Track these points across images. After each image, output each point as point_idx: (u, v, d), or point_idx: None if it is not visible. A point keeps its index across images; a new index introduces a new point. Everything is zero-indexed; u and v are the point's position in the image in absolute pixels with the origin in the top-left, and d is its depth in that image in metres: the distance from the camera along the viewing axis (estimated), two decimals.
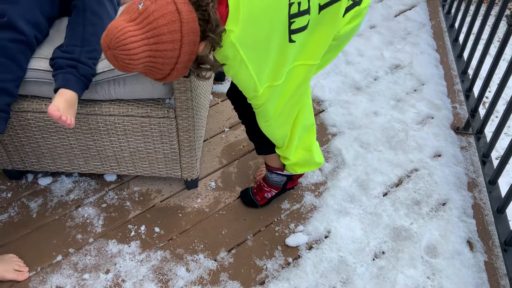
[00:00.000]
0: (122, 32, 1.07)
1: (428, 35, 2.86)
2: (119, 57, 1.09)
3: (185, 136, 1.76)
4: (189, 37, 1.12)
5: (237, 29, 1.20)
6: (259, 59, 1.30)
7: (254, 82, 1.32)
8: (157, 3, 1.08)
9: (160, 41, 1.09)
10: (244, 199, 1.96)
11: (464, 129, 2.28)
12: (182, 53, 1.13)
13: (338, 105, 2.39)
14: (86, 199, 1.95)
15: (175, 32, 1.09)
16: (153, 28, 1.08)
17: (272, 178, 1.87)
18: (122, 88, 1.65)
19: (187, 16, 1.10)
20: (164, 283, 1.71)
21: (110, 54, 1.10)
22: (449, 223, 1.91)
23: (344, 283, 1.72)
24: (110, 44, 1.09)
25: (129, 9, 1.10)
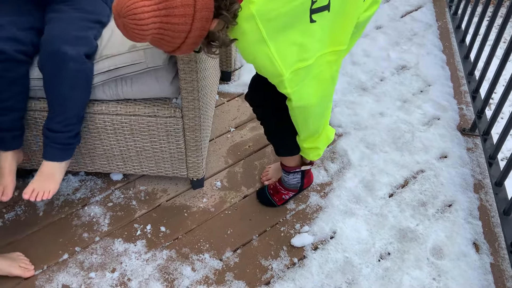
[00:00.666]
0: (134, 0, 1.05)
1: (435, 36, 2.85)
2: (128, 26, 1.07)
3: (191, 135, 1.77)
4: (202, 13, 1.10)
5: (259, 0, 1.15)
6: (281, 37, 1.22)
7: (277, 64, 1.25)
8: None
9: (172, 14, 1.07)
10: (261, 199, 1.96)
11: (471, 130, 2.27)
12: (193, 28, 1.11)
13: (344, 106, 2.39)
14: (92, 198, 1.96)
15: (188, 6, 1.07)
16: (166, 0, 1.05)
17: (289, 182, 1.86)
18: (130, 88, 1.66)
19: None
20: (169, 282, 1.71)
21: (120, 22, 1.08)
22: (455, 224, 1.90)
23: (350, 284, 1.72)
24: (120, 12, 1.06)
25: None
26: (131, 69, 1.61)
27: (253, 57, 1.27)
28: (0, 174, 1.66)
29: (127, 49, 1.59)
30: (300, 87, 1.35)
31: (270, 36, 1.21)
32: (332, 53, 1.37)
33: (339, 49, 1.38)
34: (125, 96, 1.68)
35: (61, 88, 1.55)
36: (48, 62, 1.53)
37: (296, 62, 1.29)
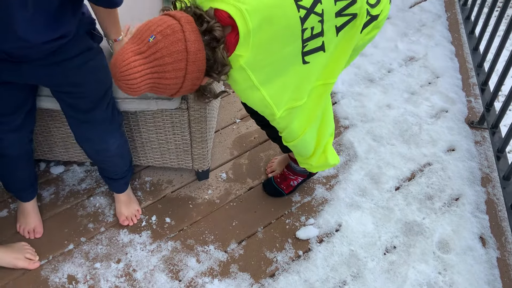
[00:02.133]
0: (128, 67, 1.11)
1: (444, 27, 2.81)
2: (123, 87, 1.15)
3: (196, 127, 1.75)
4: (193, 75, 1.16)
5: (247, 54, 1.18)
6: (272, 82, 1.26)
7: (270, 105, 1.29)
8: (167, 39, 1.11)
9: (164, 77, 1.14)
10: (268, 189, 1.95)
11: (479, 123, 2.25)
12: (183, 86, 1.18)
13: (351, 97, 2.37)
14: (97, 188, 1.96)
15: (180, 70, 1.14)
16: (159, 65, 1.12)
17: (299, 168, 1.85)
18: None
19: (195, 56, 1.13)
20: (174, 274, 1.71)
21: (116, 81, 1.16)
22: (461, 218, 1.89)
23: (355, 277, 1.71)
24: (115, 75, 1.14)
25: (140, 38, 1.12)
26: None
27: (246, 99, 1.32)
28: (27, 215, 1.79)
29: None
30: (292, 123, 1.39)
31: (262, 82, 1.25)
32: (323, 86, 1.39)
33: (330, 82, 1.40)
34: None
35: (112, 165, 1.72)
36: (97, 157, 1.69)
37: (289, 102, 1.33)
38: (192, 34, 1.13)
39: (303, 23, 1.22)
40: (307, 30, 1.24)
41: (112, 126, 1.60)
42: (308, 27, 1.24)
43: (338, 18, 1.30)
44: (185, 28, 1.12)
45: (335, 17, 1.29)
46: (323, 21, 1.26)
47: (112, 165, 1.72)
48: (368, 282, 1.69)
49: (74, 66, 1.42)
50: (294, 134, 1.43)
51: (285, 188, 1.92)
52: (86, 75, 1.46)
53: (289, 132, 1.42)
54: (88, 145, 1.63)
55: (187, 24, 1.13)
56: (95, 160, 1.72)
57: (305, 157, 1.58)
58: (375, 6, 1.39)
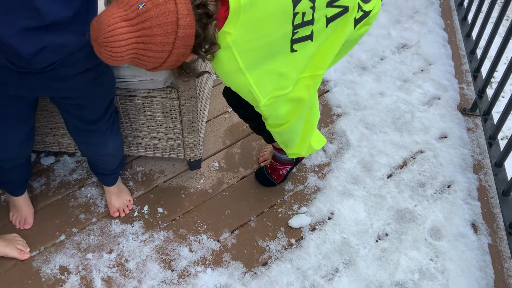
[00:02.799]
0: (113, 33, 1.03)
1: (436, 14, 2.80)
2: (103, 53, 1.07)
3: (188, 116, 1.74)
4: (180, 50, 1.10)
5: (235, 32, 1.14)
6: (258, 68, 1.22)
7: (254, 92, 1.24)
8: (158, 9, 1.03)
9: (149, 49, 1.07)
10: (260, 180, 1.95)
11: (471, 110, 2.25)
12: (167, 60, 1.11)
13: (343, 85, 2.36)
14: (89, 179, 1.95)
15: (167, 43, 1.07)
16: (146, 35, 1.04)
17: (284, 157, 1.84)
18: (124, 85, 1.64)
19: (185, 30, 1.07)
20: (167, 263, 1.71)
21: (95, 45, 1.07)
22: (453, 205, 1.89)
23: (347, 264, 1.71)
24: (97, 39, 1.05)
25: (128, 3, 1.04)
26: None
27: (230, 83, 1.27)
28: (19, 208, 1.77)
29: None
30: (277, 111, 1.35)
31: (248, 66, 1.20)
32: (311, 77, 1.36)
33: (318, 73, 1.37)
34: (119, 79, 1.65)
35: (104, 163, 1.72)
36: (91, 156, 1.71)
37: (274, 90, 1.29)
38: (184, 6, 1.05)
39: (295, 6, 1.19)
40: (298, 15, 1.21)
41: (112, 131, 1.61)
42: (299, 11, 1.21)
43: (329, 8, 1.28)
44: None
45: (326, 7, 1.27)
46: (315, 8, 1.24)
47: (104, 163, 1.72)
48: (360, 269, 1.70)
49: (86, 80, 1.39)
50: (279, 121, 1.41)
51: (276, 178, 1.92)
52: (97, 90, 1.45)
53: (275, 118, 1.39)
54: (88, 148, 1.64)
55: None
56: (89, 157, 1.73)
57: (290, 147, 1.56)
58: (368, 2, 1.38)
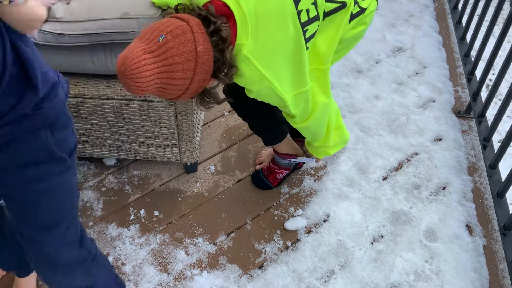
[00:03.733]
0: (138, 65, 1.09)
1: (431, 17, 2.82)
2: (131, 86, 1.12)
3: (183, 120, 1.75)
4: (201, 75, 1.16)
5: (248, 41, 1.19)
6: (277, 68, 1.27)
7: (280, 93, 1.29)
8: (177, 40, 1.10)
9: (172, 77, 1.13)
10: (256, 182, 1.96)
11: (466, 112, 2.26)
12: (190, 87, 1.17)
13: (339, 89, 2.37)
14: (85, 183, 1.96)
15: (189, 70, 1.14)
16: (169, 64, 1.11)
17: (283, 161, 1.87)
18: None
19: (203, 56, 1.14)
20: (163, 266, 1.72)
21: (123, 79, 1.13)
22: (448, 207, 1.90)
23: (343, 266, 1.72)
24: (124, 73, 1.11)
25: (149, 38, 1.11)
26: (120, 37, 1.55)
27: (256, 93, 1.31)
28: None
29: (119, 15, 1.53)
30: (300, 106, 1.41)
31: (268, 70, 1.25)
32: (317, 70, 1.40)
33: (324, 67, 1.41)
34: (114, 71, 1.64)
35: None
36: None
37: (296, 88, 1.34)
38: (201, 35, 1.14)
39: (297, 4, 1.23)
40: (303, 13, 1.25)
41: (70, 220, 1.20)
42: (303, 8, 1.25)
43: (328, 3, 1.34)
44: (194, 29, 1.13)
45: (325, 2, 1.33)
46: (317, 4, 1.29)
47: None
48: (355, 271, 1.70)
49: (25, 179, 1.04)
50: (305, 114, 1.44)
51: (272, 181, 1.93)
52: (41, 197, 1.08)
53: (301, 113, 1.43)
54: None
55: (195, 25, 1.14)
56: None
57: (320, 138, 1.59)
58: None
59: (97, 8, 1.56)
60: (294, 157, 1.83)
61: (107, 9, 1.56)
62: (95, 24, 1.53)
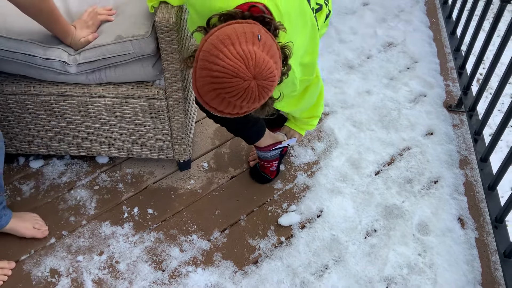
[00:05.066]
0: (269, 65, 1.05)
1: (422, 12, 2.83)
2: (265, 87, 1.07)
3: (176, 117, 1.75)
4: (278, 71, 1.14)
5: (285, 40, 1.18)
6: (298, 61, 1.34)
7: (297, 83, 1.36)
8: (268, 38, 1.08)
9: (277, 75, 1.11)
10: (256, 178, 1.97)
11: (457, 106, 2.28)
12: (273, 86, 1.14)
13: (331, 84, 2.38)
14: (78, 181, 1.95)
15: (279, 68, 1.12)
16: (276, 62, 1.09)
17: (269, 154, 1.88)
18: (113, 72, 1.63)
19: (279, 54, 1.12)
20: (157, 264, 1.72)
21: (253, 84, 1.05)
22: (440, 200, 1.92)
23: (336, 261, 1.73)
24: (259, 75, 1.04)
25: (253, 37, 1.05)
26: (120, 59, 1.59)
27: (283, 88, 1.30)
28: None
29: (113, 40, 1.55)
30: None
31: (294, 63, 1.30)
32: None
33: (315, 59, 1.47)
34: (108, 80, 1.66)
35: None
36: None
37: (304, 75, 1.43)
38: (269, 35, 1.11)
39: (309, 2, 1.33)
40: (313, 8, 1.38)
41: None
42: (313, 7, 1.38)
43: (315, 5, 1.44)
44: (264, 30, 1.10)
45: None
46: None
47: None
48: (349, 265, 1.71)
49: None
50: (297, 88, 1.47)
51: (269, 174, 1.95)
52: None
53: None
54: None
55: (261, 28, 1.10)
56: None
57: (310, 106, 1.68)
58: (328, 3, 1.55)
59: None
60: (277, 145, 1.84)
61: (100, 34, 1.59)
62: (94, 52, 1.58)
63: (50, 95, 1.69)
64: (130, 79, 1.66)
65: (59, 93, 1.68)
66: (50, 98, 1.69)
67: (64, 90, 1.67)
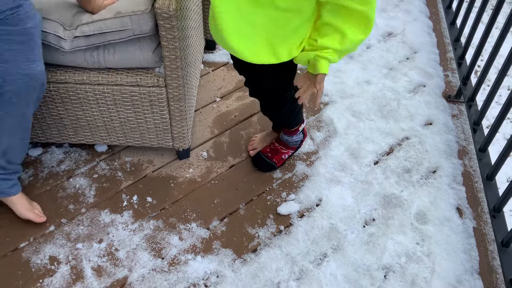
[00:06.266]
0: None
1: (421, 2, 2.82)
2: None
3: (175, 105, 1.75)
4: None
5: None
6: None
7: None
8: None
9: None
10: (259, 164, 1.96)
11: (456, 97, 2.28)
12: None
13: (330, 74, 2.37)
14: (77, 169, 1.95)
15: None
16: None
17: (293, 139, 1.91)
18: (112, 56, 1.62)
19: None
20: (157, 252, 1.72)
21: None
22: (439, 190, 1.92)
23: (335, 249, 1.74)
24: None
25: None
26: (117, 36, 1.56)
27: None
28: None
29: (112, 15, 1.54)
30: None
31: None
32: None
33: None
34: (107, 65, 1.65)
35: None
36: None
37: None
38: None
39: None
40: None
41: None
42: None
43: None
44: None
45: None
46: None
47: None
48: (348, 254, 1.72)
49: None
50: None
51: (277, 162, 1.95)
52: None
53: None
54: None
55: None
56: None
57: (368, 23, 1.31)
58: None
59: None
60: (301, 125, 1.88)
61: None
62: (91, 26, 1.55)
63: (49, 82, 1.68)
64: (130, 64, 1.65)
65: (58, 80, 1.67)
66: (49, 85, 1.68)
67: (63, 77, 1.66)
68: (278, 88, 1.61)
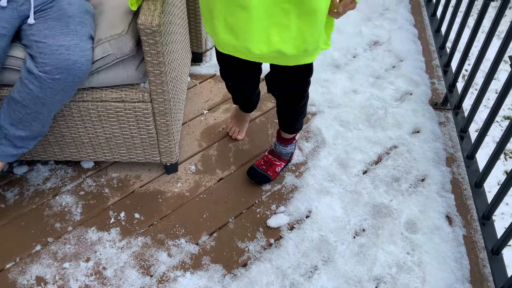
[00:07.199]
0: None
1: (406, 10, 2.84)
2: None
3: (162, 120, 1.73)
4: None
5: None
6: None
7: None
8: None
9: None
10: (256, 177, 1.94)
11: (442, 104, 2.29)
12: None
13: (318, 84, 2.37)
14: (63, 187, 1.92)
15: None
16: None
17: (286, 150, 1.94)
18: (96, 77, 1.61)
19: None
20: (145, 269, 1.70)
21: None
22: (428, 198, 1.92)
23: (326, 261, 1.73)
24: None
25: None
26: (102, 63, 1.56)
27: None
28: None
29: (94, 44, 1.54)
30: None
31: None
32: None
33: None
34: (90, 85, 1.63)
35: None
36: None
37: None
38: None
39: None
40: None
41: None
42: None
43: None
44: None
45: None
46: None
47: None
48: (338, 265, 1.71)
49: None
50: None
51: (271, 174, 1.94)
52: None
53: None
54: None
55: None
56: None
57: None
58: None
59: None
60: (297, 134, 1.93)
61: None
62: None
63: None
64: (113, 83, 1.64)
65: None
66: None
67: None
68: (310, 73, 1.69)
